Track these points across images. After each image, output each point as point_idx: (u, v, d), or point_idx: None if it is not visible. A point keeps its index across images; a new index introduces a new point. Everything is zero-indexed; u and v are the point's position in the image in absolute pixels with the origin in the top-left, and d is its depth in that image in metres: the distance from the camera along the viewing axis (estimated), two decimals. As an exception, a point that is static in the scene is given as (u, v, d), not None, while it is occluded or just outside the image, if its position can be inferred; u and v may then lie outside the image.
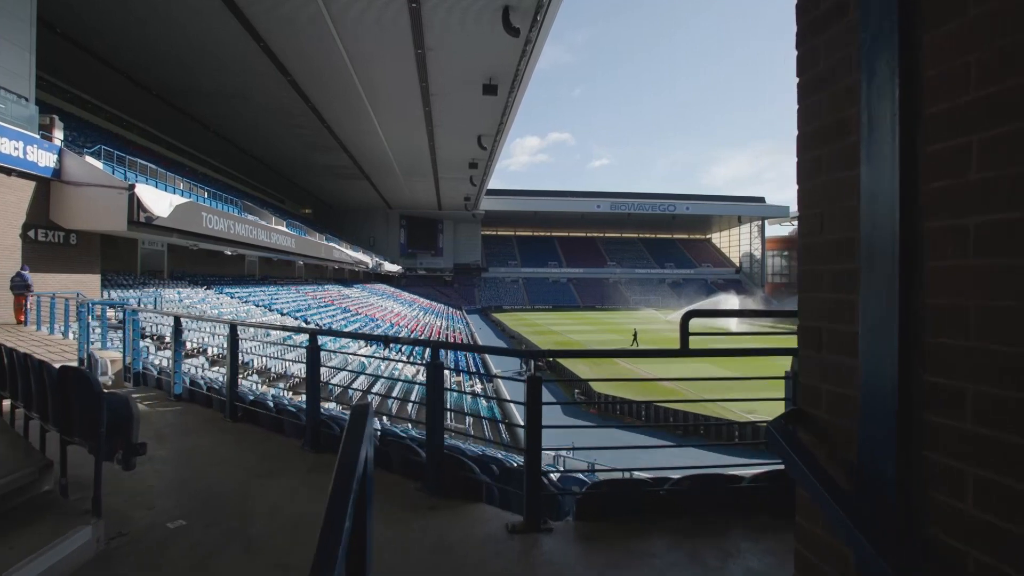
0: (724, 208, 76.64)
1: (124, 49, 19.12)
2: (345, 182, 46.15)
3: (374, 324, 29.90)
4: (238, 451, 3.97)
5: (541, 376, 2.09)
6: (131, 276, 17.38)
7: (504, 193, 70.93)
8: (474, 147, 31.99)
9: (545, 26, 17.16)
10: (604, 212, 74.02)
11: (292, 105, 25.34)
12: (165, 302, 15.62)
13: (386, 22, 17.26)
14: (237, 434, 4.39)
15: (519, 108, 26.14)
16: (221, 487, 3.29)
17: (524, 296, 70.88)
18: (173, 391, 5.28)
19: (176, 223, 13.34)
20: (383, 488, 3.17)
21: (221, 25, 17.24)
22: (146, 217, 11.73)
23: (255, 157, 35.80)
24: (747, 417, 16.96)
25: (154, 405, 5.12)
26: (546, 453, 11.28)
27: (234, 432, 4.44)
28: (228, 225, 16.27)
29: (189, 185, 18.10)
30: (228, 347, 4.67)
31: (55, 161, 11.21)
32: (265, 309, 21.47)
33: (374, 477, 3.36)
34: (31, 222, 10.96)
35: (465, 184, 44.91)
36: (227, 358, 4.68)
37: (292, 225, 29.07)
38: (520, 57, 19.53)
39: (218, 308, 17.93)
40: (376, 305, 39.33)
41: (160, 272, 20.29)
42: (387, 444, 3.49)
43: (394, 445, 3.43)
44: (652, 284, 76.20)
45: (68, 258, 11.85)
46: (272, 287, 28.02)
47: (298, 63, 20.65)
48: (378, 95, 24.38)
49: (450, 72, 21.39)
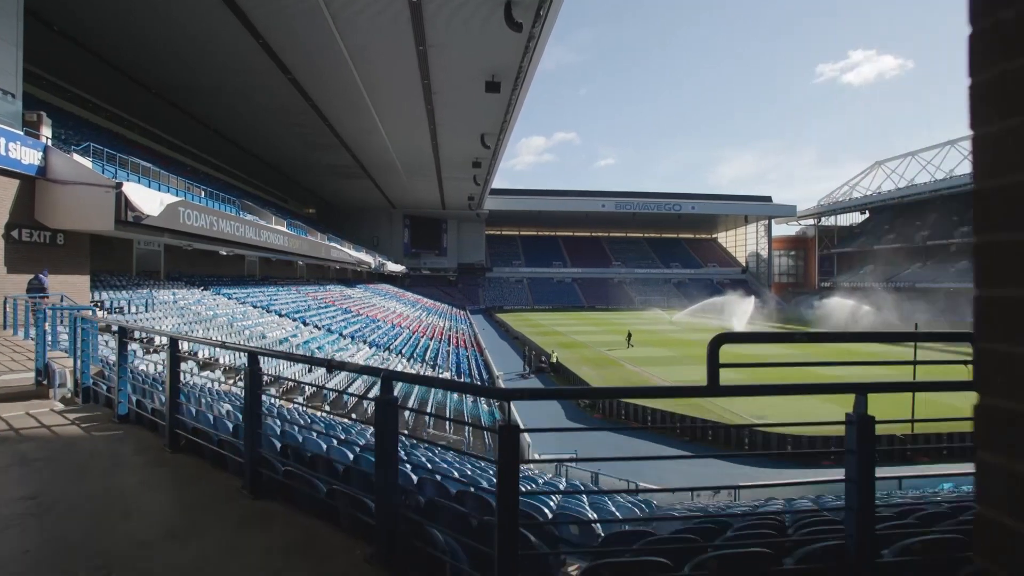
0: (730, 207, 75.87)
1: (123, 47, 18.90)
2: (348, 181, 45.90)
3: (375, 325, 29.55)
4: (164, 495, 3.42)
5: (518, 427, 1.58)
6: (126, 277, 17.05)
7: (508, 192, 70.51)
8: (477, 146, 31.61)
9: (549, 21, 16.71)
10: (609, 211, 73.45)
11: (293, 103, 25.04)
12: (159, 304, 15.28)
13: (386, 18, 16.92)
14: (172, 469, 3.81)
15: (523, 107, 25.73)
16: (117, 551, 2.65)
17: (528, 296, 70.43)
18: (117, 411, 4.69)
19: (166, 223, 12.97)
20: (323, 555, 2.60)
21: (219, 22, 16.97)
22: (135, 216, 11.36)
23: (257, 156, 35.57)
24: (754, 423, 16.44)
25: (92, 428, 4.55)
26: (548, 462, 10.78)
27: (170, 466, 3.87)
28: (213, 223, 15.86)
29: (186, 184, 17.77)
30: (168, 365, 4.04)
31: (40, 159, 10.86)
32: (263, 310, 21.14)
33: (312, 539, 2.70)
34: (14, 221, 10.61)
35: (469, 183, 44.56)
36: (166, 378, 4.05)
37: (293, 225, 28.75)
38: (523, 54, 19.10)
39: (214, 310, 17.59)
40: (378, 306, 39.00)
41: (156, 273, 19.98)
42: (334, 496, 2.85)
43: (342, 497, 2.81)
44: (657, 284, 75.54)
45: (55, 259, 11.49)
46: (271, 288, 27.71)
47: (298, 61, 20.35)
48: (379, 93, 24.05)
49: (452, 69, 21.03)
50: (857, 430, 1.97)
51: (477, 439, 14.87)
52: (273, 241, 22.58)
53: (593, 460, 14.32)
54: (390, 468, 2.44)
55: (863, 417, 2.00)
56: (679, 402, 19.25)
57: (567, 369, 25.90)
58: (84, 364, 5.08)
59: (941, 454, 15.43)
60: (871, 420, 2.00)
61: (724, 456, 15.78)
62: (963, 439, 15.29)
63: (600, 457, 14.18)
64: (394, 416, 2.55)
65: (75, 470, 3.70)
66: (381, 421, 2.55)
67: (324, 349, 18.91)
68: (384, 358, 22.50)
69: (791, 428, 15.27)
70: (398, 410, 2.58)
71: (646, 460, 15.30)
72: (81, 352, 5.11)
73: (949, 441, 15.51)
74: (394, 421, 2.54)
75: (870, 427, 1.96)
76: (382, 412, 2.55)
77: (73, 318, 5.21)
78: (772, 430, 16.03)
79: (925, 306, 46.08)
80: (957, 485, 11.67)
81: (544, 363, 28.30)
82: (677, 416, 17.72)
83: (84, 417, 4.89)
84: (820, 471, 15.10)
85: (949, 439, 15.50)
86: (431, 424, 15.25)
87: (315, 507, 2.86)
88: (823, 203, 73.90)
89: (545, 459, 14.03)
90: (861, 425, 1.98)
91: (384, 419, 2.56)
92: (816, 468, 15.17)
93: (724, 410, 18.27)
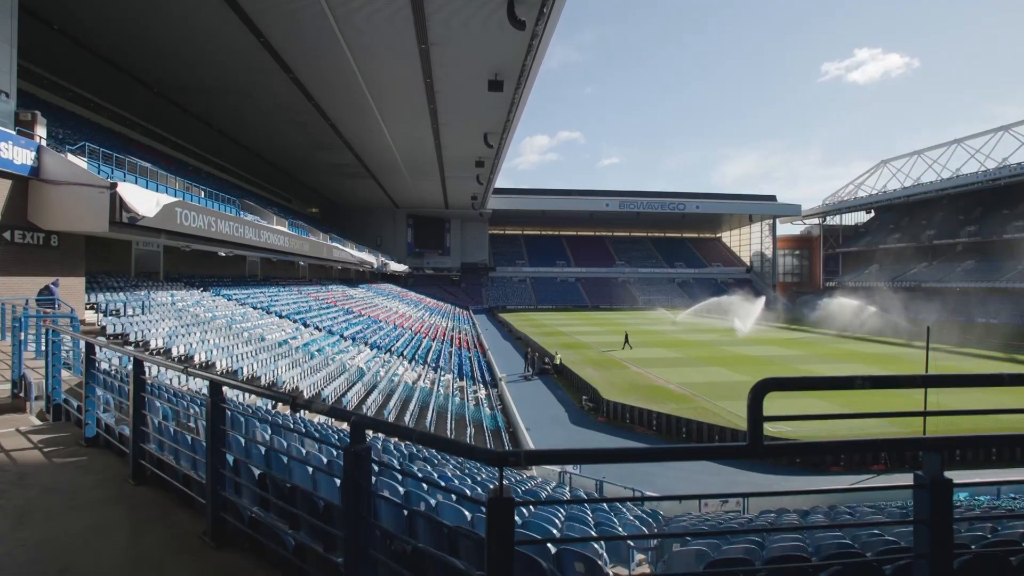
0: (734, 207, 75.42)
1: (124, 46, 18.76)
2: (351, 181, 45.76)
3: (377, 326, 29.33)
4: (113, 544, 2.89)
5: (513, 498, 1.25)
6: (124, 278, 16.85)
7: (512, 192, 70.26)
8: (480, 145, 31.36)
9: (552, 18, 16.44)
10: (613, 211, 73.12)
11: (295, 103, 24.85)
12: (156, 306, 15.07)
13: (387, 15, 16.68)
14: (130, 508, 3.28)
15: (526, 105, 25.48)
16: None
17: (532, 296, 70.17)
18: (85, 433, 4.27)
19: (163, 223, 12.75)
20: None
21: (220, 21, 16.80)
22: (130, 217, 11.14)
23: (260, 156, 35.42)
24: (766, 429, 16.10)
25: (55, 454, 4.12)
26: (551, 470, 10.48)
27: (129, 504, 3.33)
28: (211, 223, 15.62)
29: (185, 184, 17.56)
30: (131, 388, 3.53)
31: (33, 159, 10.64)
32: (263, 312, 20.93)
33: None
34: (7, 222, 10.39)
35: (472, 183, 44.35)
36: (130, 402, 3.53)
37: (295, 225, 28.54)
38: (526, 52, 18.83)
39: (212, 311, 17.37)
40: (380, 306, 38.80)
41: (156, 274, 19.79)
42: (303, 554, 2.40)
43: (312, 554, 2.32)
44: (661, 284, 75.14)
45: (48, 261, 11.28)
46: (273, 288, 27.51)
47: (299, 59, 20.15)
48: (382, 92, 23.85)
49: (455, 67, 20.80)
50: (931, 496, 1.50)
51: (479, 444, 14.60)
52: (273, 242, 22.37)
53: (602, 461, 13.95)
54: (360, 533, 1.95)
55: (939, 481, 1.53)
56: (684, 406, 18.96)
57: (571, 371, 25.61)
58: (55, 379, 4.67)
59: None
60: (948, 484, 1.53)
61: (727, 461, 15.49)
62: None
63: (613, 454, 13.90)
64: (365, 472, 1.97)
65: (21, 509, 3.25)
66: (349, 477, 1.97)
67: (324, 351, 18.68)
68: (385, 360, 22.26)
69: (800, 433, 14.93)
70: (370, 464, 1.99)
71: (653, 463, 15.01)
72: (52, 365, 4.67)
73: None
74: (366, 477, 1.97)
75: (947, 493, 1.52)
76: (351, 466, 1.97)
77: (48, 329, 4.81)
78: (781, 436, 15.71)
79: (933, 306, 45.58)
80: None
81: (548, 365, 28.02)
82: (683, 420, 17.37)
83: (49, 440, 4.45)
84: (828, 478, 14.80)
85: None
86: (432, 431, 15.01)
87: (283, 564, 2.46)
88: (828, 202, 73.35)
89: (550, 465, 13.79)
90: (937, 490, 1.51)
91: (354, 475, 1.96)
92: (824, 475, 14.87)
93: (730, 413, 17.97)
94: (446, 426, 15.18)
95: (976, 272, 51.36)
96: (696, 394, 20.78)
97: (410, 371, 22.35)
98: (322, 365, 17.04)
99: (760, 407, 1.41)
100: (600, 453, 1.65)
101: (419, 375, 21.73)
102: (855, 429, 14.75)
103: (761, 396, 1.47)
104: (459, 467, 7.95)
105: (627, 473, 14.01)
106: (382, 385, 17.56)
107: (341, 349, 20.63)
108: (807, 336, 41.96)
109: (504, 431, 16.27)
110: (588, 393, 21.66)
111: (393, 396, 16.78)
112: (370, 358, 21.45)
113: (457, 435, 14.86)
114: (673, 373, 24.86)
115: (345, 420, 1.95)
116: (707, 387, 21.86)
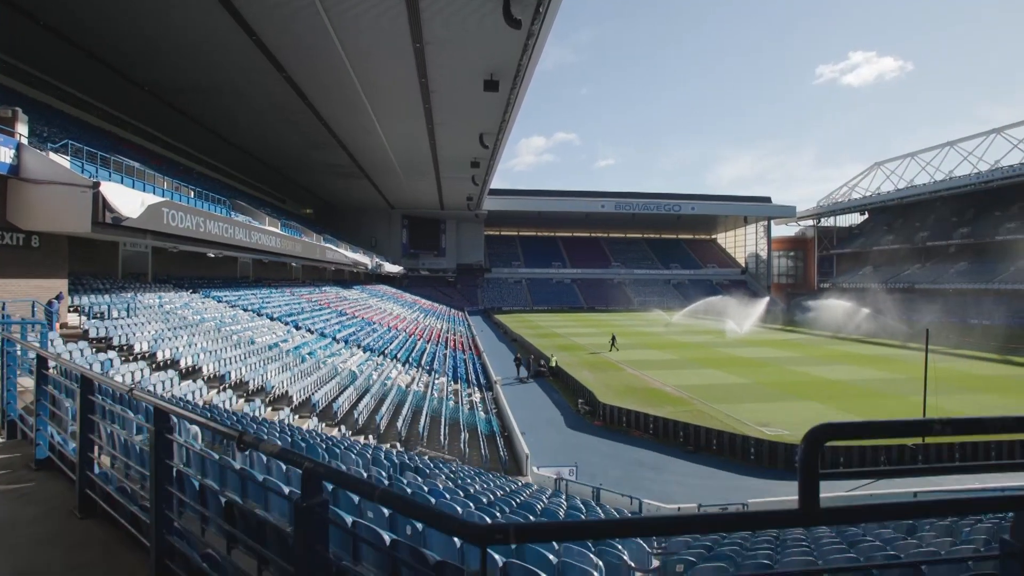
0: (730, 208, 75.55)
1: (114, 44, 18.41)
2: (345, 181, 45.37)
3: (370, 328, 28.99)
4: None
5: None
6: (110, 280, 16.47)
7: (507, 193, 70.03)
8: (476, 145, 31.13)
9: (548, 18, 16.23)
10: (608, 212, 73.05)
11: (288, 102, 24.51)
12: (142, 308, 14.71)
13: (381, 13, 16.39)
14: (69, 549, 2.77)
15: (522, 106, 25.28)
16: None
17: (527, 297, 69.94)
18: (36, 455, 3.89)
19: (148, 224, 12.42)
20: None
21: (211, 18, 16.50)
22: (113, 218, 10.82)
23: (252, 155, 35.00)
24: (762, 432, 15.94)
25: (1, 478, 3.69)
26: (548, 476, 10.23)
27: (68, 545, 2.82)
28: (200, 224, 15.28)
29: (174, 184, 17.19)
30: (79, 409, 3.06)
31: (12, 157, 10.30)
32: (254, 314, 20.57)
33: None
34: (-15, 223, 10.08)
35: (467, 183, 44.09)
36: (77, 426, 3.07)
37: (287, 226, 28.16)
38: (522, 52, 18.63)
39: (201, 314, 17.01)
40: (375, 307, 38.45)
41: (144, 275, 19.40)
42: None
43: None
44: (657, 285, 75.10)
45: (28, 262, 10.93)
46: (264, 290, 27.13)
47: (292, 58, 19.84)
48: (377, 91, 23.57)
49: (450, 67, 20.55)
50: (1021, 565, 1.18)
51: (473, 450, 14.33)
52: (264, 243, 22.02)
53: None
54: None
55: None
56: (681, 409, 18.78)
57: (566, 374, 25.39)
58: (9, 393, 4.36)
59: None
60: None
61: (729, 464, 15.30)
62: None
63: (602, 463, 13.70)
64: (322, 530, 1.56)
65: None
66: (303, 535, 1.55)
67: (316, 354, 18.35)
68: (379, 363, 21.95)
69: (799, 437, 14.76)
70: (327, 524, 1.57)
71: (652, 468, 14.78)
72: (7, 378, 4.37)
73: None
74: (322, 535, 1.56)
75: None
76: (304, 524, 1.55)
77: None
78: (780, 439, 15.54)
79: (928, 307, 45.68)
80: None
81: (543, 367, 27.79)
82: (680, 424, 17.16)
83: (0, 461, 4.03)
84: (830, 483, 14.62)
85: None
86: (425, 436, 14.73)
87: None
88: (822, 204, 73.58)
89: (546, 471, 13.54)
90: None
91: (306, 535, 1.54)
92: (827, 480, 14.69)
93: (727, 416, 17.78)
94: (440, 431, 14.90)
95: (969, 273, 51.59)
96: (693, 397, 20.60)
97: (404, 374, 22.05)
98: (313, 368, 16.72)
99: (816, 462, 1.10)
100: (609, 525, 1.37)
101: (413, 378, 21.43)
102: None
103: (817, 448, 1.13)
104: (451, 478, 7.69)
105: (624, 479, 13.80)
106: (375, 389, 17.25)
107: (333, 352, 20.30)
108: (801, 338, 41.95)
109: (499, 436, 16.00)
110: (584, 396, 21.44)
111: (386, 400, 16.47)
112: (363, 361, 21.13)
113: (451, 441, 14.58)
114: (669, 375, 24.69)
115: (297, 466, 1.54)
116: (703, 389, 21.69)
